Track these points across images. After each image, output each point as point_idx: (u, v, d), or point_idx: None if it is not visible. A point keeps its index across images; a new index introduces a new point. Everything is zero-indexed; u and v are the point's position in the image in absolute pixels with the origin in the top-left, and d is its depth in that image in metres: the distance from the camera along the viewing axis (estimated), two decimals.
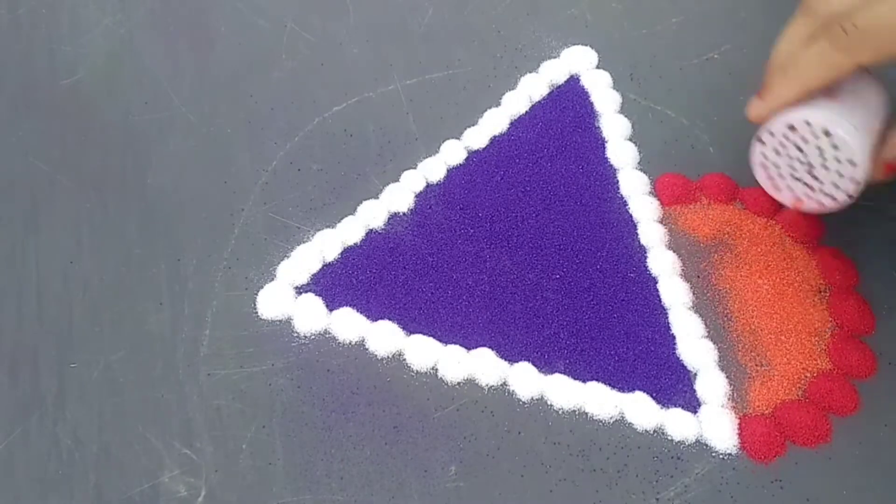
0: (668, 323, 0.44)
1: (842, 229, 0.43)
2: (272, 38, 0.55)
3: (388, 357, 0.44)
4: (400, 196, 0.48)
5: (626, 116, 0.51)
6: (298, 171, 0.50)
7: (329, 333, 0.45)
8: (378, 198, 0.48)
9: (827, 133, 0.40)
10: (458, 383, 0.43)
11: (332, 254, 0.47)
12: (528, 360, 0.43)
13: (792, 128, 0.41)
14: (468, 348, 0.44)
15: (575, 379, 0.43)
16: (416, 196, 0.48)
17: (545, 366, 0.43)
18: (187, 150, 0.51)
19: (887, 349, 0.43)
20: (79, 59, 0.54)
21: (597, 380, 0.43)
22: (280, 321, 0.45)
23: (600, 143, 0.50)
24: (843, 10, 0.38)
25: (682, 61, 0.53)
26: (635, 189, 0.48)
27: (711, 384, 0.42)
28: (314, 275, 0.46)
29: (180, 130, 0.51)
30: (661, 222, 0.47)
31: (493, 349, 0.44)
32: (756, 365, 0.43)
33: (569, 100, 0.51)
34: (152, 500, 0.41)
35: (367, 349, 0.44)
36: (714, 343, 0.43)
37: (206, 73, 0.53)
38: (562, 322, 0.44)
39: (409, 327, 0.44)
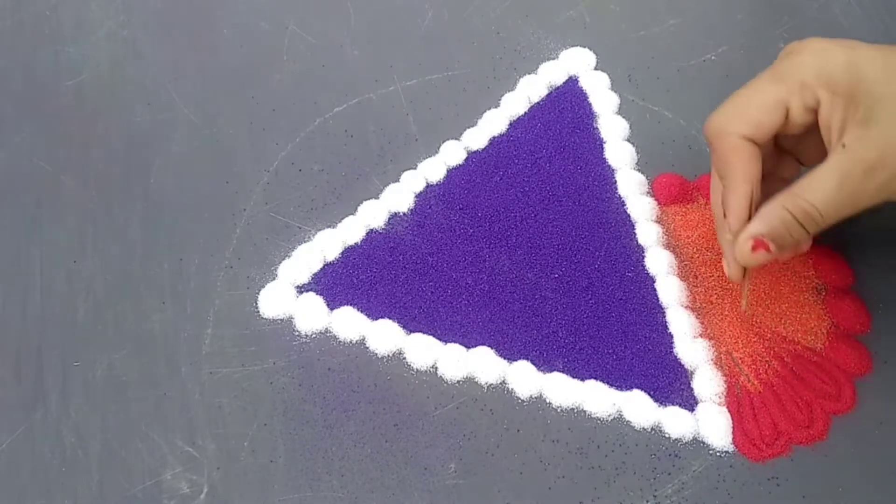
0: (666, 322, 0.44)
1: (838, 229, 0.44)
2: (274, 40, 0.55)
3: (388, 356, 0.44)
4: (400, 196, 0.49)
5: (624, 117, 0.51)
6: (299, 172, 0.50)
7: (330, 332, 0.45)
8: (378, 198, 0.49)
9: None
10: (458, 382, 0.43)
11: (332, 253, 0.47)
12: (527, 359, 0.44)
13: None
14: (468, 347, 0.44)
15: (573, 377, 0.43)
16: (416, 196, 0.49)
17: (544, 364, 0.44)
18: (190, 151, 0.51)
19: (883, 347, 0.43)
20: (82, 60, 0.55)
21: (595, 378, 0.43)
22: (281, 320, 0.45)
23: (598, 144, 0.50)
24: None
25: (680, 63, 0.53)
26: (633, 189, 0.48)
27: (708, 382, 0.43)
28: (315, 274, 0.47)
29: (183, 131, 0.52)
30: (658, 222, 0.47)
31: (492, 348, 0.44)
32: (753, 363, 0.43)
33: (567, 101, 0.52)
34: (155, 498, 0.41)
35: (367, 348, 0.44)
36: (711, 341, 0.44)
37: (209, 74, 0.54)
38: (560, 321, 0.45)
39: (410, 326, 0.45)
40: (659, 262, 0.46)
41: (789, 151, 0.42)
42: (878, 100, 0.37)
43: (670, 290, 0.45)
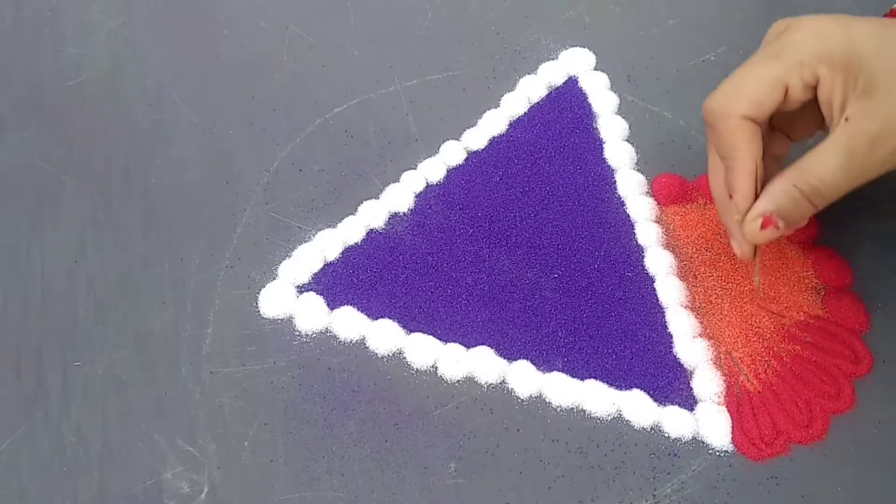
0: (665, 321, 0.44)
1: (836, 229, 0.44)
2: (274, 40, 0.55)
3: (388, 355, 0.44)
4: (400, 196, 0.49)
5: (623, 117, 0.51)
6: (300, 172, 0.50)
7: (330, 332, 0.45)
8: (378, 198, 0.49)
9: None
10: (458, 381, 0.44)
11: (332, 253, 0.47)
12: (527, 359, 0.44)
13: None
14: (467, 346, 0.44)
15: (573, 377, 0.43)
16: (416, 196, 0.49)
17: (544, 364, 0.44)
18: (190, 151, 0.51)
19: (882, 347, 0.43)
20: (83, 60, 0.55)
21: (595, 378, 0.43)
22: (281, 320, 0.45)
23: (598, 144, 0.50)
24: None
25: (679, 63, 0.53)
26: (632, 189, 0.48)
27: (708, 382, 0.43)
28: (315, 274, 0.47)
29: (183, 131, 0.52)
30: (657, 222, 0.47)
31: (492, 347, 0.44)
32: (752, 363, 0.43)
33: (567, 101, 0.52)
34: (155, 497, 0.41)
35: (367, 347, 0.45)
36: (710, 341, 0.44)
37: (209, 74, 0.54)
38: (560, 321, 0.45)
39: (409, 326, 0.45)
40: (658, 262, 0.46)
41: (779, 128, 0.42)
42: (877, 71, 0.37)
43: (670, 290, 0.45)
